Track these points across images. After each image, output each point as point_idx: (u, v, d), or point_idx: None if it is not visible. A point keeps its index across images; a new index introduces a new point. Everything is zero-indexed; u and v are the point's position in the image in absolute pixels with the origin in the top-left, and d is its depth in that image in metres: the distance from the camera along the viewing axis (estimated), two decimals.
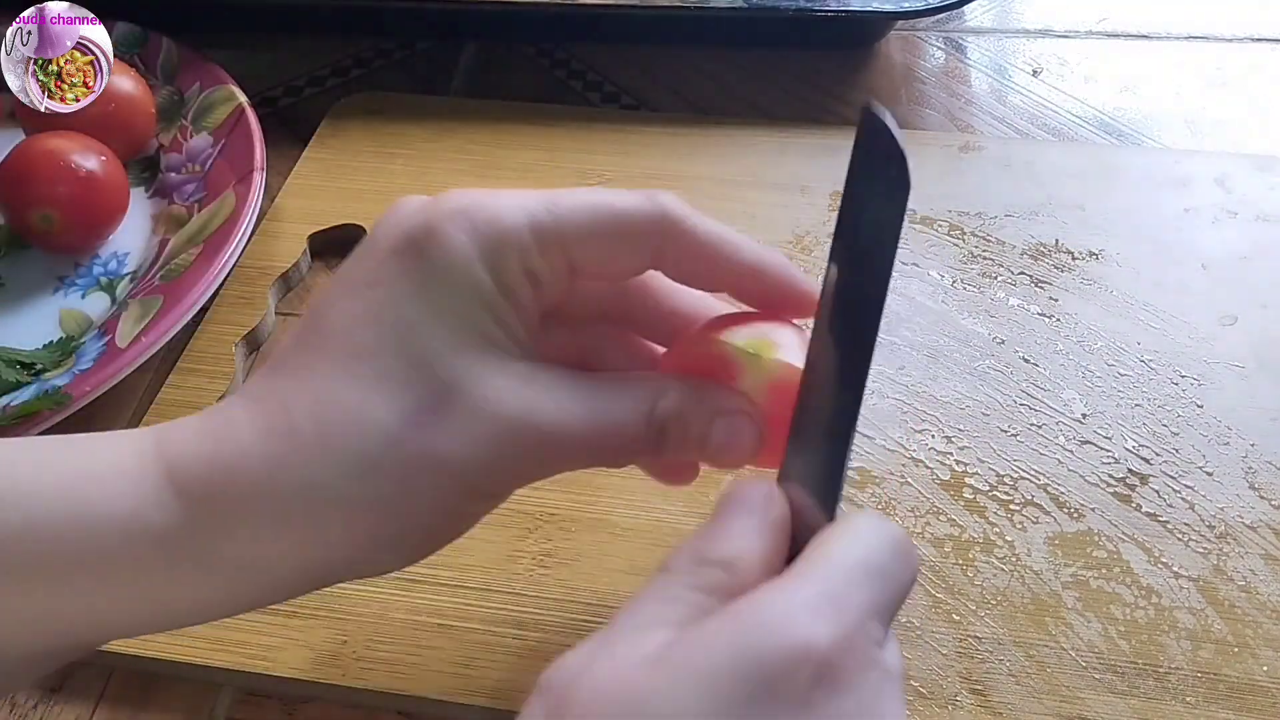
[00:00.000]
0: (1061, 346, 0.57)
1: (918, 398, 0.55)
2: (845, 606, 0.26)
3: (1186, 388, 0.55)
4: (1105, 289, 0.60)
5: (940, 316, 0.59)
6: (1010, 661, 0.46)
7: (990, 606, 0.47)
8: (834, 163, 0.66)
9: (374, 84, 0.77)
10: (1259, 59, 0.77)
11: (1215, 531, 0.49)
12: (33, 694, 0.48)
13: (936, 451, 0.53)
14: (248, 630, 0.47)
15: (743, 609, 0.26)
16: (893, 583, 0.28)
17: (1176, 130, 0.72)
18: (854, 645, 0.26)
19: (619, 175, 0.67)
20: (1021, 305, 0.59)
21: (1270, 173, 0.65)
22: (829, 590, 0.26)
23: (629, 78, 0.76)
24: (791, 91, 0.75)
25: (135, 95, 0.66)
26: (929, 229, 0.63)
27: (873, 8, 0.72)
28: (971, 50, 0.79)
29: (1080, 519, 0.50)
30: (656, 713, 0.24)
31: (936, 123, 0.73)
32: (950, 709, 0.44)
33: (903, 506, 0.51)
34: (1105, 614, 0.47)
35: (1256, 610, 0.47)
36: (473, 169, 0.67)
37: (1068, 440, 0.53)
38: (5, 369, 0.55)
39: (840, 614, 0.26)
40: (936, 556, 0.49)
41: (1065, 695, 0.44)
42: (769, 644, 0.25)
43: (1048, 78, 0.76)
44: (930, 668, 0.45)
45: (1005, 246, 0.62)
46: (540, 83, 0.77)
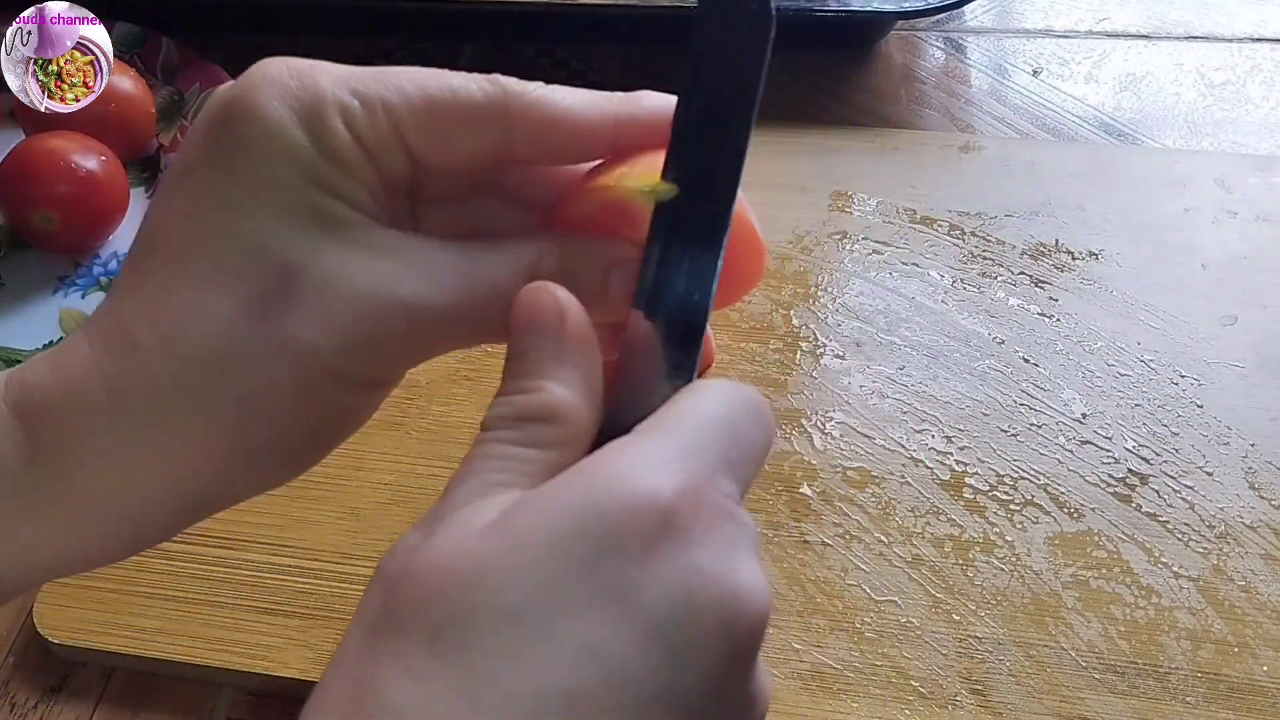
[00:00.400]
0: (1061, 346, 0.57)
1: (918, 398, 0.55)
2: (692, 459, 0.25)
3: (1186, 388, 0.55)
4: (1105, 289, 0.60)
5: (940, 316, 0.59)
6: (1010, 661, 0.46)
7: (990, 606, 0.47)
8: (834, 162, 0.66)
9: None
10: (1259, 59, 0.77)
11: (1215, 531, 0.49)
12: (33, 694, 0.48)
13: (936, 451, 0.53)
14: (248, 630, 0.47)
15: (585, 467, 0.25)
16: (745, 441, 0.26)
17: (1176, 130, 0.72)
18: (703, 498, 0.24)
19: None
20: (1021, 305, 0.59)
21: (1270, 173, 0.65)
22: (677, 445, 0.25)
23: (629, 78, 0.76)
24: (791, 91, 0.75)
25: (135, 95, 0.66)
26: (929, 229, 0.63)
27: (873, 8, 0.72)
28: (971, 50, 0.79)
29: (1080, 519, 0.50)
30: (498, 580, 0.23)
31: (936, 123, 0.73)
32: (950, 709, 0.44)
33: (903, 506, 0.51)
34: (1105, 614, 0.47)
35: (1256, 610, 0.47)
36: None
37: (1068, 440, 0.53)
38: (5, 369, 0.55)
39: (687, 466, 0.25)
40: (936, 556, 0.49)
41: (1065, 695, 0.44)
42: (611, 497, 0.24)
43: (1048, 78, 0.76)
44: (930, 668, 0.45)
45: (1005, 246, 0.62)
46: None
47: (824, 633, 0.47)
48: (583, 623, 0.23)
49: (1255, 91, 0.75)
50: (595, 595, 0.23)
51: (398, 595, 0.24)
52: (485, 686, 0.22)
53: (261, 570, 0.50)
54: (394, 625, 0.24)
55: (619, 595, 0.23)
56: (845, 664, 0.46)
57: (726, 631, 0.24)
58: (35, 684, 0.48)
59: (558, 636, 0.23)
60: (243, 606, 0.48)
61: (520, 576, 0.23)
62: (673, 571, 0.23)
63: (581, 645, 0.23)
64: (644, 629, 0.23)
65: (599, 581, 0.23)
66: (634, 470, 0.24)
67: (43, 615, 0.48)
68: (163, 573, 0.49)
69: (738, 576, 0.24)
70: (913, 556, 0.49)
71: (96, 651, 0.48)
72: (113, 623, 0.48)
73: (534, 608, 0.23)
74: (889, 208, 0.64)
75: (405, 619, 0.23)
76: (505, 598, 0.23)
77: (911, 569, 0.48)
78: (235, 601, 0.49)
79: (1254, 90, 0.75)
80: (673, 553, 0.24)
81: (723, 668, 0.24)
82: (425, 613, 0.23)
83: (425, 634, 0.23)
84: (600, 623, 0.23)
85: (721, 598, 0.24)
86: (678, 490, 0.24)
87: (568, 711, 0.22)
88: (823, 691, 0.45)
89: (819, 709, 0.44)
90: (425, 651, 0.23)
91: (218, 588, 0.49)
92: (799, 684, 0.45)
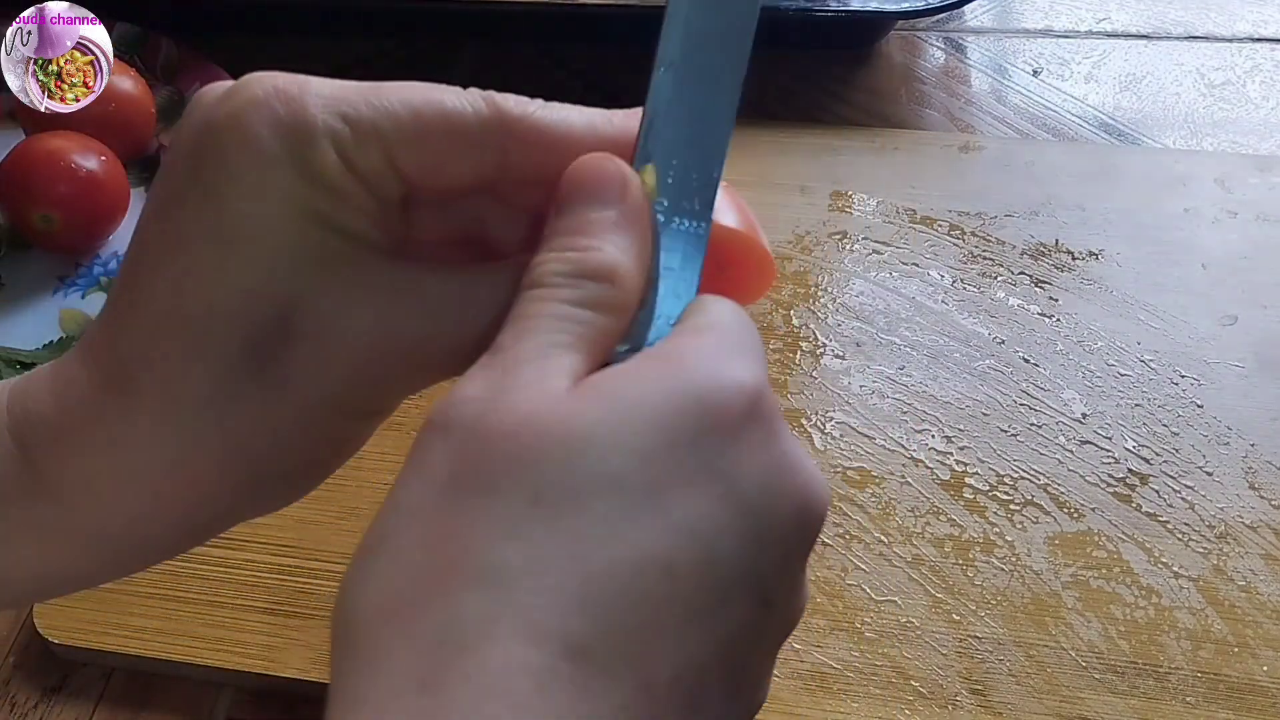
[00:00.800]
0: (1061, 346, 0.57)
1: (918, 398, 0.55)
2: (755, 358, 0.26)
3: (1186, 388, 0.55)
4: (1105, 289, 0.60)
5: (940, 316, 0.59)
6: (1010, 661, 0.45)
7: (990, 606, 0.47)
8: (834, 162, 0.66)
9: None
10: (1259, 59, 0.77)
11: (1215, 531, 0.49)
12: (33, 694, 0.48)
13: (936, 451, 0.53)
14: (248, 630, 0.47)
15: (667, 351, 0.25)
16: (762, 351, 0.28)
17: (1176, 130, 0.72)
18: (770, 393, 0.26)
19: None
20: (1021, 305, 0.59)
21: (1270, 173, 0.65)
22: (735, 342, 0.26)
23: (629, 78, 0.76)
24: (791, 91, 0.75)
25: (135, 95, 0.66)
26: (929, 229, 0.63)
27: (873, 8, 0.72)
28: (971, 50, 0.79)
29: (1080, 519, 0.50)
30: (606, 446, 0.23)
31: (936, 123, 0.73)
32: (950, 709, 0.44)
33: (903, 506, 0.51)
34: (1105, 614, 0.47)
35: (1256, 610, 0.47)
36: None
37: (1068, 440, 0.53)
38: (5, 369, 0.55)
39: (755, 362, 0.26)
40: (936, 556, 0.49)
41: (1065, 695, 0.44)
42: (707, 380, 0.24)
43: (1048, 78, 0.76)
44: (930, 668, 0.45)
45: (1005, 246, 0.62)
46: (540, 83, 0.76)
47: (824, 633, 0.47)
48: (685, 498, 0.23)
49: (1255, 91, 0.75)
50: (697, 472, 0.24)
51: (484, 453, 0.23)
52: (594, 552, 0.22)
53: (261, 570, 0.50)
54: (483, 484, 0.23)
55: (718, 474, 0.24)
56: (845, 664, 0.46)
57: (801, 518, 0.25)
58: (35, 684, 0.48)
59: (662, 509, 0.23)
60: (243, 606, 0.48)
61: (628, 445, 0.23)
62: (762, 456, 0.24)
63: (683, 520, 0.23)
64: (738, 509, 0.24)
65: (700, 460, 0.24)
66: (719, 358, 0.25)
67: (43, 615, 0.48)
68: (163, 573, 0.49)
69: (811, 468, 0.25)
70: (913, 556, 0.49)
71: (96, 651, 0.48)
72: (113, 623, 0.48)
73: (641, 478, 0.23)
74: (889, 208, 0.64)
75: (498, 479, 0.23)
76: (612, 465, 0.23)
77: (911, 569, 0.48)
78: (235, 601, 0.49)
79: (1254, 90, 0.75)
80: (762, 439, 0.24)
81: (794, 552, 0.25)
82: (525, 473, 0.23)
83: (526, 495, 0.23)
84: (701, 500, 0.23)
85: (800, 485, 0.25)
86: (759, 380, 0.25)
87: (666, 583, 0.23)
88: (823, 691, 0.45)
89: (819, 709, 0.44)
90: (529, 513, 0.23)
91: (218, 588, 0.49)
92: (799, 684, 0.45)
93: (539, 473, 0.23)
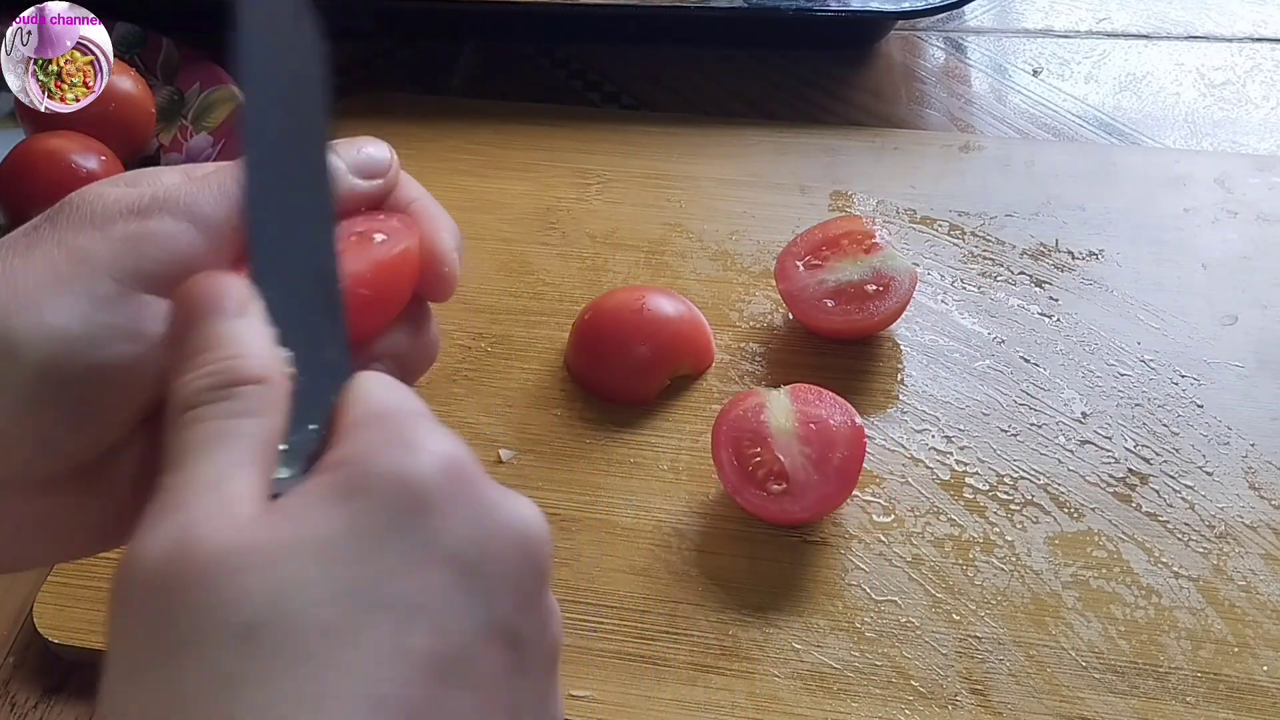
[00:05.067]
0: (1061, 346, 0.57)
1: (918, 398, 0.55)
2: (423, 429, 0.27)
3: (1186, 388, 0.55)
4: (1105, 289, 0.60)
5: (940, 316, 0.59)
6: (1010, 661, 0.46)
7: (990, 606, 0.47)
8: (834, 162, 0.66)
9: (375, 83, 0.77)
10: (1259, 59, 0.77)
11: (1215, 531, 0.49)
12: (33, 694, 0.48)
13: (936, 451, 0.53)
14: None
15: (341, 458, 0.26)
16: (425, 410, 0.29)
17: (1176, 130, 0.72)
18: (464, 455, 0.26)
19: (619, 175, 0.67)
20: (1021, 305, 0.59)
21: (1270, 173, 0.65)
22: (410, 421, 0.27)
23: (629, 78, 0.76)
24: (791, 91, 0.75)
25: (135, 95, 0.66)
26: (929, 229, 0.63)
27: (873, 8, 0.72)
28: (972, 50, 0.79)
29: (1080, 519, 0.50)
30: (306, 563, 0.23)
31: (937, 123, 0.73)
32: (950, 709, 0.44)
33: (903, 506, 0.51)
34: (1105, 614, 0.47)
35: (1256, 610, 0.47)
36: (473, 168, 0.67)
37: (1068, 440, 0.53)
38: None
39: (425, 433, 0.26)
40: (936, 556, 0.49)
41: (1065, 695, 0.44)
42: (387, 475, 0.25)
43: (1048, 78, 0.76)
44: (930, 668, 0.45)
45: (1005, 246, 0.62)
46: (540, 83, 0.77)
47: (824, 633, 0.47)
48: (401, 584, 0.24)
49: (1255, 91, 0.75)
50: (408, 555, 0.24)
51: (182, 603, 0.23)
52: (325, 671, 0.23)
53: None
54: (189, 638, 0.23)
55: (428, 551, 0.25)
56: (845, 664, 0.46)
57: (522, 554, 0.26)
58: (35, 684, 0.48)
59: (383, 604, 0.24)
60: None
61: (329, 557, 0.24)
62: (465, 514, 0.25)
63: (405, 604, 0.24)
64: (456, 571, 0.25)
65: (407, 545, 0.24)
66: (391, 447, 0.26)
67: (43, 615, 0.48)
68: None
69: (519, 504, 0.27)
70: (913, 556, 0.49)
71: (96, 651, 0.48)
72: None
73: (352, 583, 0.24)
74: (889, 208, 0.64)
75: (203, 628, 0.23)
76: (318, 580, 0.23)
77: (911, 569, 0.48)
78: None
79: (1254, 90, 0.75)
80: (461, 500, 0.25)
81: (527, 585, 0.26)
82: (231, 613, 0.23)
83: (237, 635, 0.22)
84: (419, 579, 0.24)
85: (512, 526, 0.26)
86: (437, 452, 0.26)
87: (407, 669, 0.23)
88: (823, 691, 0.45)
89: (819, 709, 0.44)
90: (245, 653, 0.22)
91: None
92: (799, 684, 0.45)
93: (246, 609, 0.23)
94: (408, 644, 0.23)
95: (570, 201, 0.65)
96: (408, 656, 0.23)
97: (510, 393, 0.56)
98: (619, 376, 0.55)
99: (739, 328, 0.58)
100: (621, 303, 0.56)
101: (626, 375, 0.55)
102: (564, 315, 0.58)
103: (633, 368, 0.55)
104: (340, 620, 0.23)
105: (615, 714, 0.44)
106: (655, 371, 0.55)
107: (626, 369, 0.55)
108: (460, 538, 0.25)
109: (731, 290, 0.60)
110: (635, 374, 0.55)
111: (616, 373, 0.55)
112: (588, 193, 0.66)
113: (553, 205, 0.65)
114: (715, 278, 0.61)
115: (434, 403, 0.53)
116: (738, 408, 0.50)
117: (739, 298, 0.60)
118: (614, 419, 0.54)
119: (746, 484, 0.48)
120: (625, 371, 0.55)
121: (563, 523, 0.50)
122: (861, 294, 0.55)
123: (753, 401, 0.50)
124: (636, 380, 0.55)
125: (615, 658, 0.46)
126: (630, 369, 0.55)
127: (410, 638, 0.24)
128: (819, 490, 0.48)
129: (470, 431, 0.53)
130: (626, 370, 0.55)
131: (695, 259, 0.62)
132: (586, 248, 0.63)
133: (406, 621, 0.24)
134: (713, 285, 0.60)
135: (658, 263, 0.62)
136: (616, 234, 0.63)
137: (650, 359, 0.55)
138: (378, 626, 0.23)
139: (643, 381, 0.55)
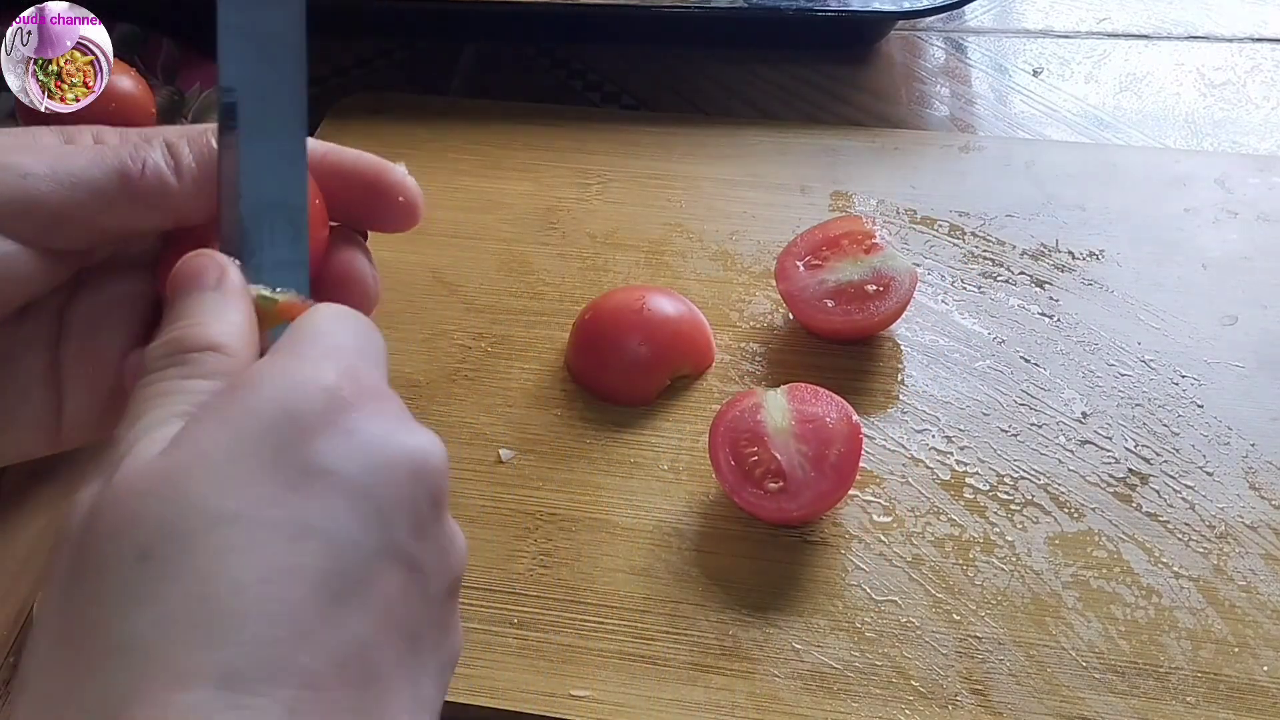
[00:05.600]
0: (1062, 346, 0.57)
1: (918, 398, 0.55)
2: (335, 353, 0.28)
3: (1186, 388, 0.55)
4: (1105, 289, 0.60)
5: (940, 316, 0.59)
6: (1010, 661, 0.46)
7: (990, 606, 0.47)
8: (834, 162, 0.66)
9: (375, 83, 0.77)
10: (1259, 59, 0.77)
11: (1215, 531, 0.49)
12: None
13: (937, 451, 0.53)
14: None
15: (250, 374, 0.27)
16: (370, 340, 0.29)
17: (1177, 130, 0.72)
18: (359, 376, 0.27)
19: (619, 175, 0.67)
20: (1022, 305, 0.59)
21: (1270, 173, 0.65)
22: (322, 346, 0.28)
23: (629, 78, 0.76)
24: (791, 91, 0.75)
25: (135, 95, 0.66)
26: (929, 229, 0.63)
27: (873, 8, 0.72)
28: (972, 50, 0.79)
29: (1080, 519, 0.50)
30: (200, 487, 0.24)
31: (936, 123, 0.73)
32: (950, 709, 0.44)
33: (903, 506, 0.51)
34: (1105, 614, 0.47)
35: (1256, 610, 0.47)
36: (473, 168, 0.67)
37: (1068, 440, 0.53)
38: None
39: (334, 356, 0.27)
40: (937, 556, 0.49)
41: (1065, 695, 0.44)
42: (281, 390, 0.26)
43: (1048, 78, 0.76)
44: (930, 668, 0.45)
45: (1005, 246, 0.62)
46: (540, 83, 0.77)
47: (824, 633, 0.47)
48: (290, 505, 0.25)
49: (1255, 91, 0.75)
50: (299, 477, 0.25)
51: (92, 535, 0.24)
52: (216, 584, 0.23)
53: None
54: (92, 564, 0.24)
55: (319, 472, 0.25)
56: (845, 664, 0.46)
57: (418, 478, 0.27)
58: None
59: (272, 523, 0.24)
60: None
61: (220, 479, 0.24)
62: (359, 439, 0.26)
63: (295, 524, 0.24)
64: (348, 494, 0.25)
65: (295, 464, 0.25)
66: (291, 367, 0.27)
67: None
68: None
69: (414, 433, 0.27)
70: (913, 556, 0.49)
71: None
72: None
73: (244, 502, 0.24)
74: (889, 208, 0.64)
75: (104, 552, 0.24)
76: (211, 500, 0.24)
77: (912, 569, 0.48)
78: None
79: (1254, 90, 0.75)
80: (353, 423, 0.26)
81: (424, 511, 0.27)
82: (127, 537, 0.24)
83: (134, 556, 0.24)
84: (306, 500, 0.25)
85: (407, 450, 0.27)
86: (338, 372, 0.27)
87: (297, 587, 0.24)
88: (823, 691, 0.45)
89: (819, 709, 0.44)
90: (141, 572, 0.23)
91: None
92: (799, 684, 0.45)
93: (141, 531, 0.24)
94: (298, 563, 0.24)
95: (570, 201, 0.65)
96: (299, 575, 0.24)
97: (510, 393, 0.56)
98: (619, 376, 0.55)
99: (739, 328, 0.58)
100: (621, 303, 0.56)
101: (626, 375, 0.55)
102: (564, 315, 0.58)
103: (633, 368, 0.55)
104: (230, 540, 0.24)
105: (615, 714, 0.44)
106: (655, 371, 0.55)
107: (626, 369, 0.55)
108: (346, 460, 0.25)
109: (732, 290, 0.60)
110: (635, 374, 0.55)
111: (616, 373, 0.55)
112: (588, 193, 0.66)
113: (553, 205, 0.65)
114: (715, 278, 0.61)
115: (434, 403, 0.53)
116: (735, 408, 0.50)
117: (739, 298, 0.60)
118: (614, 419, 0.54)
119: (744, 483, 0.48)
120: (625, 371, 0.55)
121: (563, 523, 0.50)
122: (862, 294, 0.55)
123: (750, 401, 0.50)
124: (636, 380, 0.55)
125: (615, 658, 0.46)
126: (630, 369, 0.55)
127: (301, 558, 0.24)
128: (816, 487, 0.48)
129: (470, 431, 0.53)
130: (626, 370, 0.55)
131: (695, 259, 0.62)
132: (586, 248, 0.63)
133: (297, 541, 0.24)
134: (713, 285, 0.60)
135: (658, 263, 0.62)
136: (616, 234, 0.63)
137: (650, 359, 0.55)
138: (266, 546, 0.24)
139: (643, 381, 0.55)
